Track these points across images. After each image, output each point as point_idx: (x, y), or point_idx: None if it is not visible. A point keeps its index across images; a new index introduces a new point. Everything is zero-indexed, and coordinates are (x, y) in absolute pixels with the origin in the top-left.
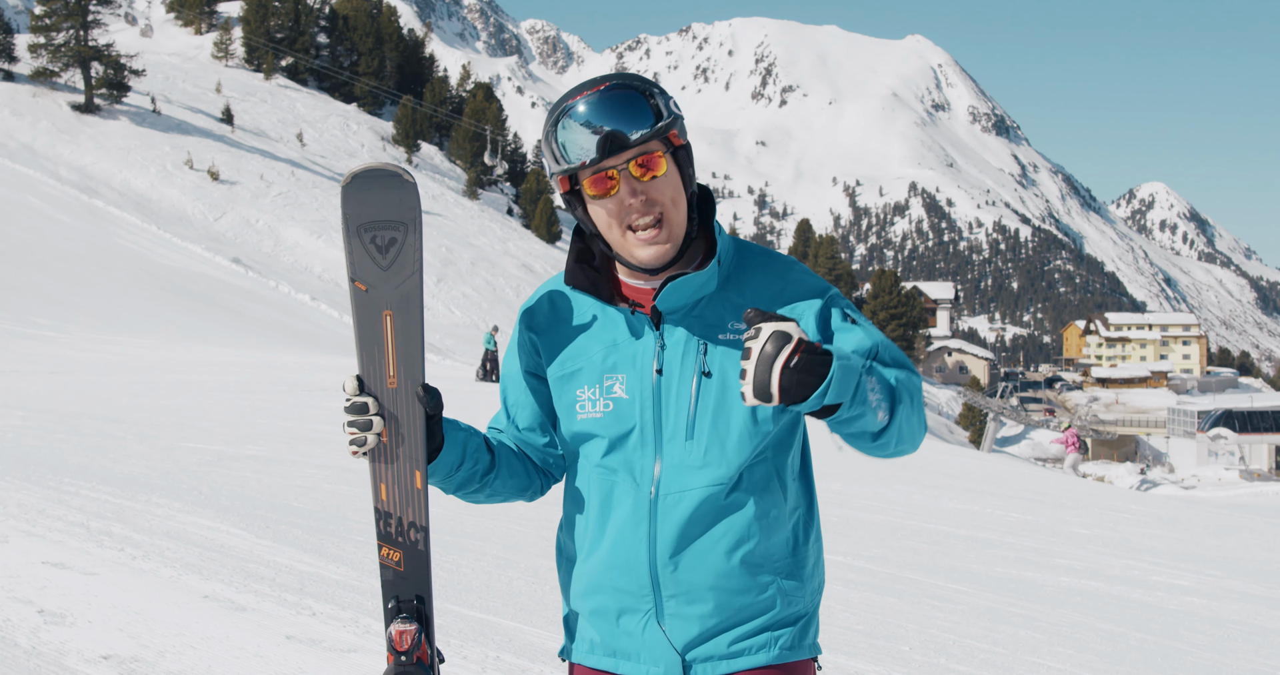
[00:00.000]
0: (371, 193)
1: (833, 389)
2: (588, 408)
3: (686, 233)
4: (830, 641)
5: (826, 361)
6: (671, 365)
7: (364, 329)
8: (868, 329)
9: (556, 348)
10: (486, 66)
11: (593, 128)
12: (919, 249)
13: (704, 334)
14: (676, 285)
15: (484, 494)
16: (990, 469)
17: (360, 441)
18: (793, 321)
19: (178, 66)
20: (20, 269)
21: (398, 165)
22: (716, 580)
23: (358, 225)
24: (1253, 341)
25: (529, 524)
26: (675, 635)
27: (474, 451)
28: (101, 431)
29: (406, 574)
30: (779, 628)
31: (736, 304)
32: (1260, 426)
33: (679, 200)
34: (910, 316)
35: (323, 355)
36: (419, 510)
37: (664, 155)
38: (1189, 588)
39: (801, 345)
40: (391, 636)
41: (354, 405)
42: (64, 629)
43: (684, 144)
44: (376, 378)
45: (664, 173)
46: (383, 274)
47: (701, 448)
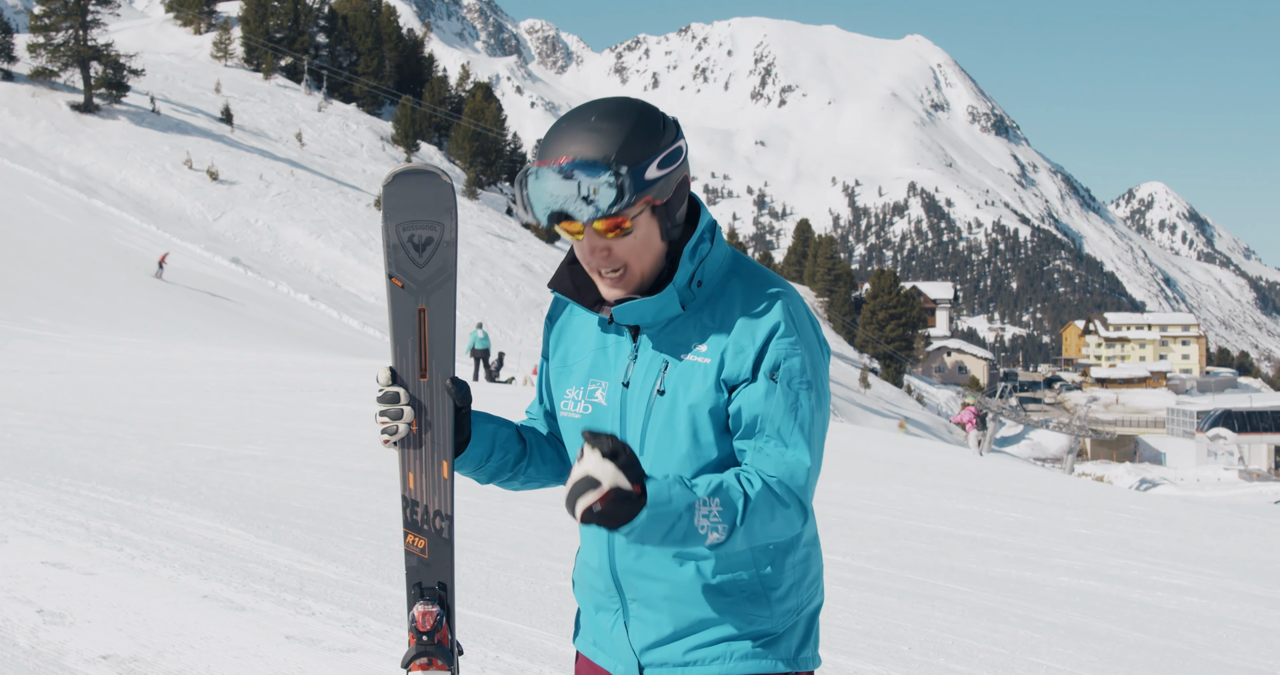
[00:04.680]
0: (410, 192)
1: (634, 535)
2: (570, 406)
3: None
4: (830, 641)
5: (633, 511)
6: (637, 379)
7: (399, 323)
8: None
9: (561, 343)
10: (486, 66)
11: (546, 201)
12: (918, 249)
13: (670, 352)
14: (624, 309)
15: (519, 481)
16: (990, 469)
17: (392, 430)
18: (611, 464)
19: (177, 66)
20: (20, 269)
21: (435, 167)
22: (671, 591)
23: (396, 223)
24: (1252, 341)
25: (529, 524)
26: (635, 637)
27: (504, 442)
28: (101, 431)
29: (430, 561)
30: (736, 641)
31: (706, 326)
32: (1259, 426)
33: (647, 250)
34: (909, 316)
35: (322, 355)
36: (444, 499)
37: (632, 219)
38: (1188, 588)
39: (610, 495)
40: (415, 616)
41: (386, 395)
42: (63, 629)
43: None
44: (409, 370)
45: (629, 231)
46: (418, 271)
47: (649, 463)
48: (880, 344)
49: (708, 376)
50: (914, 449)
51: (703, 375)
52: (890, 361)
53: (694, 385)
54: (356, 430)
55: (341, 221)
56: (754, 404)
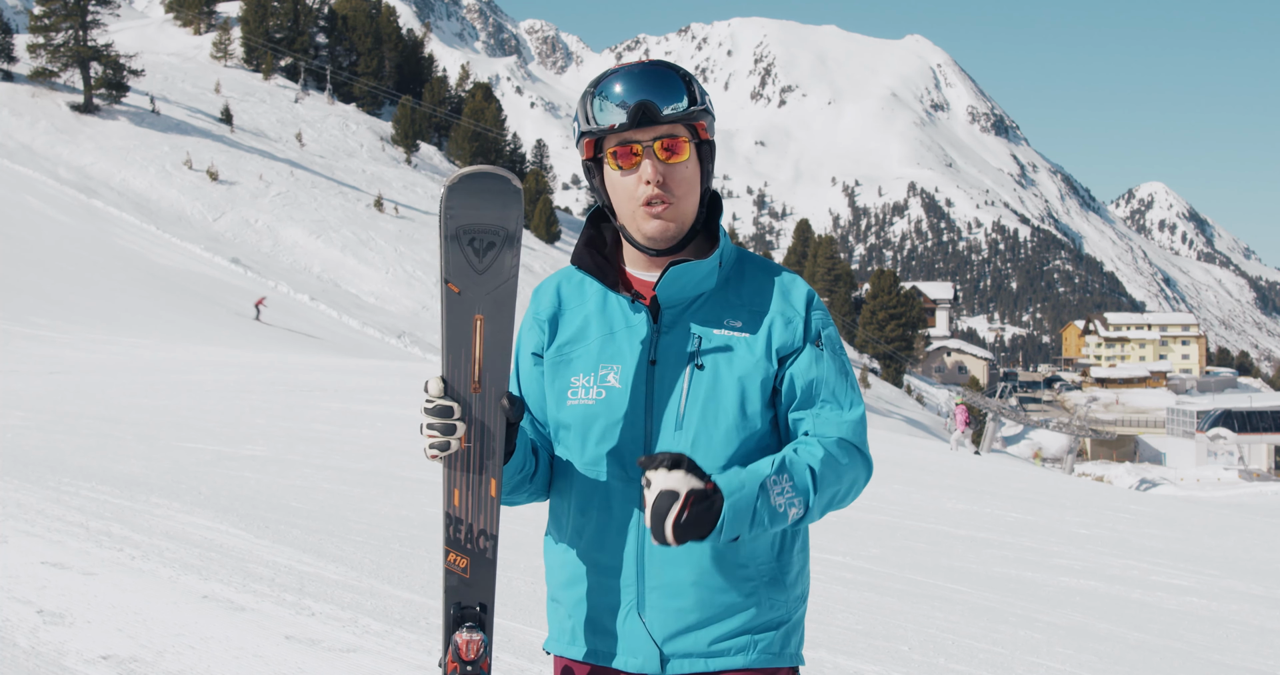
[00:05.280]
0: (476, 195)
1: (726, 530)
2: (580, 394)
3: (692, 225)
4: (830, 641)
5: (716, 509)
6: (666, 356)
7: (453, 331)
8: (830, 358)
9: (557, 331)
10: (485, 66)
11: (629, 95)
12: (918, 249)
13: (700, 327)
14: (678, 271)
15: (526, 495)
16: (990, 469)
17: (442, 446)
18: (680, 471)
19: (177, 66)
20: (20, 269)
21: (505, 171)
22: (699, 576)
23: (458, 227)
24: (1252, 341)
25: (529, 524)
26: (655, 627)
27: (529, 453)
28: (101, 431)
29: (472, 581)
30: (759, 632)
31: (733, 303)
32: (1259, 426)
33: (693, 188)
34: (909, 316)
35: (322, 355)
36: (490, 518)
37: (689, 143)
38: (1188, 588)
39: (690, 499)
40: (458, 644)
41: (437, 408)
42: (63, 629)
43: (709, 140)
44: (461, 381)
45: (685, 159)
46: (477, 277)
47: (689, 438)
48: (880, 344)
49: (753, 348)
50: (914, 449)
51: (747, 347)
52: (890, 361)
53: (738, 358)
54: (356, 430)
55: (341, 222)
56: (806, 371)
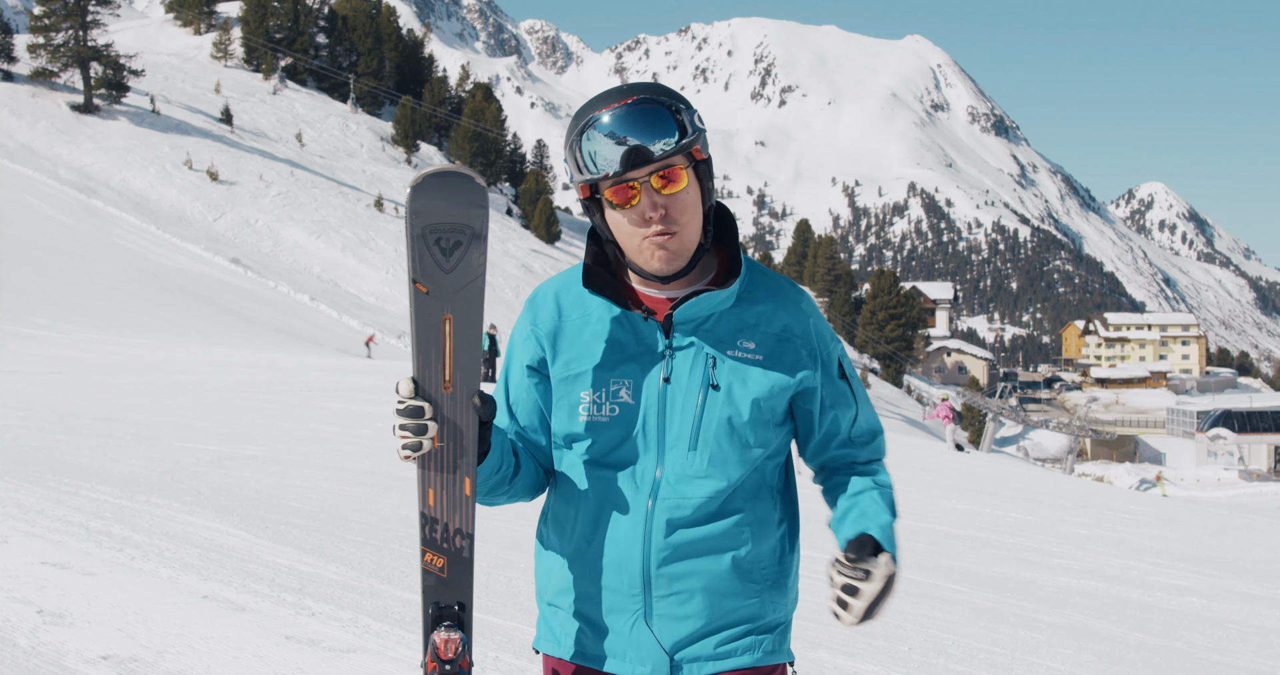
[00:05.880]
0: (440, 195)
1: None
2: (592, 410)
3: (699, 244)
4: (830, 641)
5: (894, 571)
6: (679, 374)
7: (423, 331)
8: (854, 388)
9: (564, 346)
10: (485, 67)
11: (617, 139)
12: (918, 249)
13: (714, 347)
14: (698, 301)
15: (505, 496)
16: (989, 469)
17: (415, 446)
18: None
19: (177, 67)
20: (19, 269)
21: (469, 169)
22: (709, 582)
23: (423, 226)
24: (1252, 341)
25: (529, 524)
26: (664, 635)
27: (507, 454)
28: (101, 431)
29: (449, 580)
30: (762, 633)
31: (747, 323)
32: (1259, 427)
33: (695, 214)
34: (909, 316)
35: (322, 356)
36: (466, 517)
37: (685, 169)
38: (1188, 588)
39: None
40: (436, 643)
41: (409, 408)
42: (63, 629)
43: (705, 158)
44: (432, 381)
45: (684, 186)
46: (445, 276)
47: (705, 459)
48: (880, 344)
49: (768, 371)
50: (914, 449)
51: (762, 370)
52: (890, 362)
53: (753, 380)
54: (356, 430)
55: (341, 222)
56: (833, 403)
